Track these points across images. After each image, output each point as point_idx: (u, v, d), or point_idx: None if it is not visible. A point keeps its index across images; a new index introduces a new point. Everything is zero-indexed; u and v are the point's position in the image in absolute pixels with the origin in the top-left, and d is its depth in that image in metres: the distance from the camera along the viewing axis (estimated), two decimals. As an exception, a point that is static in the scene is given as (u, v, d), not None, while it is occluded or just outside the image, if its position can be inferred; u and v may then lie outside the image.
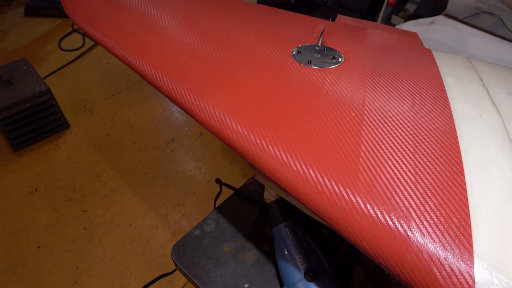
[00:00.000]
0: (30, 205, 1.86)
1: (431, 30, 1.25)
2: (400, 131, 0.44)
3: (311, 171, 0.41)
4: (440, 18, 1.32)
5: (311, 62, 0.56)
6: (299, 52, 0.58)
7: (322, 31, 0.67)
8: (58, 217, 1.81)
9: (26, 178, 1.96)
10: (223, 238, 0.72)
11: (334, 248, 0.70)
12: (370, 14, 2.34)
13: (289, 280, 0.59)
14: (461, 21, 1.31)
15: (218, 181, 0.90)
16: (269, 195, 0.76)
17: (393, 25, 2.27)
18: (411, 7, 2.33)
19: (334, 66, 0.56)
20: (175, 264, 0.68)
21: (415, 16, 2.18)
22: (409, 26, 1.30)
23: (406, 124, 0.45)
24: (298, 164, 0.42)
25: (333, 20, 0.76)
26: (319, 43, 0.63)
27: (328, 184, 0.40)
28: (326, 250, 0.64)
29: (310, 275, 0.58)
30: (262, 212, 0.78)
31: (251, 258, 0.69)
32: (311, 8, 2.33)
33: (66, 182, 1.96)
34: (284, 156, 0.43)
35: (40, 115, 2.04)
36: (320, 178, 0.40)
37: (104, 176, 2.00)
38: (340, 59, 0.58)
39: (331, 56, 0.58)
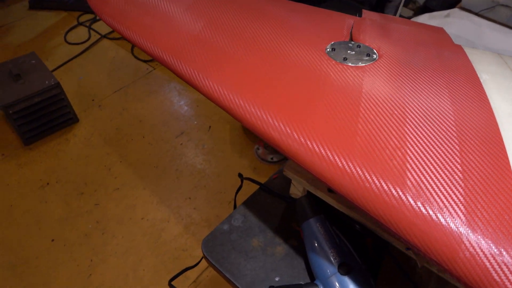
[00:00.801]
0: (43, 198, 1.87)
1: (447, 23, 1.25)
2: (444, 128, 0.45)
3: (357, 168, 0.42)
4: (455, 11, 1.31)
5: (346, 59, 0.56)
6: (333, 49, 0.59)
7: (352, 28, 0.67)
8: (71, 211, 1.83)
9: (38, 172, 1.97)
10: (251, 232, 0.73)
11: (362, 242, 0.71)
12: (379, 6, 2.33)
13: (322, 274, 0.60)
14: (477, 14, 1.30)
15: (240, 175, 0.91)
16: (296, 190, 0.77)
17: (403, 17, 2.26)
18: (420, -1, 2.31)
19: (369, 63, 0.56)
20: (206, 258, 0.69)
21: (425, 8, 2.17)
22: (424, 19, 1.30)
23: (448, 121, 0.46)
24: (344, 162, 0.43)
25: (360, 15, 0.76)
26: (352, 40, 0.63)
27: (376, 181, 0.41)
28: (355, 244, 0.65)
29: (344, 269, 0.59)
30: (288, 206, 0.79)
31: (280, 252, 0.71)
32: None
33: (77, 176, 1.97)
34: (329, 154, 0.44)
35: (50, 109, 2.04)
36: (367, 176, 0.41)
37: (114, 169, 2.01)
38: (374, 56, 0.58)
39: (366, 53, 0.58)
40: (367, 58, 0.58)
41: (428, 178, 0.40)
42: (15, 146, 2.08)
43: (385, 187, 0.40)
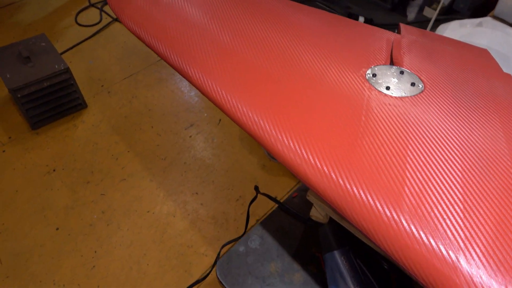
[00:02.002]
0: (48, 185, 1.85)
1: (478, 33, 1.19)
2: (502, 179, 0.41)
3: (407, 224, 0.38)
4: (488, 20, 1.25)
5: (389, 88, 0.51)
6: (374, 75, 0.54)
7: (392, 48, 0.62)
8: (76, 199, 1.81)
9: (44, 158, 1.95)
10: (269, 256, 0.70)
11: (387, 277, 0.67)
12: (400, 5, 2.26)
13: (345, 311, 0.57)
14: (511, 25, 1.24)
15: (256, 189, 0.88)
16: (317, 213, 0.73)
17: (426, 17, 2.19)
18: (445, -1, 2.23)
19: (415, 95, 0.52)
20: (220, 283, 0.66)
21: (450, 10, 2.09)
22: (455, 27, 1.24)
23: (507, 170, 0.41)
24: (389, 213, 0.39)
25: (398, 31, 0.70)
26: (392, 64, 0.58)
27: (427, 242, 0.37)
28: (379, 279, 0.62)
29: (369, 308, 0.56)
30: (308, 229, 0.75)
31: (298, 279, 0.67)
32: (340, -6, 2.24)
33: (84, 164, 1.94)
34: (371, 201, 0.40)
35: (58, 94, 2.01)
36: (420, 234, 0.37)
37: (122, 159, 1.98)
38: (420, 85, 0.53)
39: (410, 82, 0.53)
40: (412, 88, 0.53)
41: (487, 246, 0.36)
42: (22, 130, 2.05)
43: (438, 251, 0.36)
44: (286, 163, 0.46)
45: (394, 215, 0.39)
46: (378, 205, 0.40)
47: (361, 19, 2.07)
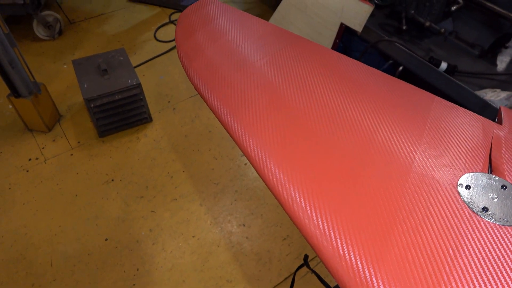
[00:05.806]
0: (105, 194, 1.91)
1: None
2: None
3: None
4: None
5: (487, 210, 0.42)
6: (468, 187, 0.45)
7: (491, 147, 0.52)
8: (128, 213, 1.85)
9: (105, 166, 2.03)
10: None
11: None
12: (490, 52, 2.08)
13: None
14: None
15: (305, 259, 0.80)
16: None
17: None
18: (544, 51, 2.00)
19: (521, 224, 0.42)
20: None
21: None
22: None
23: None
24: None
25: (497, 118, 0.60)
26: (491, 171, 0.48)
27: None
28: None
29: None
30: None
31: None
32: (423, 35, 2.12)
33: (140, 178, 1.99)
34: None
35: (128, 107, 2.09)
36: None
37: (176, 178, 2.00)
38: (527, 211, 0.43)
39: (515, 204, 0.44)
40: (517, 213, 0.43)
41: None
42: (90, 136, 2.16)
43: None
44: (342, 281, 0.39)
45: None
46: None
47: (444, 65, 1.92)
